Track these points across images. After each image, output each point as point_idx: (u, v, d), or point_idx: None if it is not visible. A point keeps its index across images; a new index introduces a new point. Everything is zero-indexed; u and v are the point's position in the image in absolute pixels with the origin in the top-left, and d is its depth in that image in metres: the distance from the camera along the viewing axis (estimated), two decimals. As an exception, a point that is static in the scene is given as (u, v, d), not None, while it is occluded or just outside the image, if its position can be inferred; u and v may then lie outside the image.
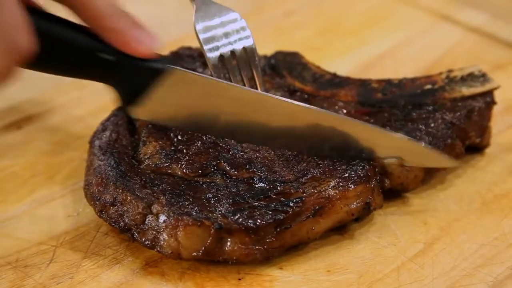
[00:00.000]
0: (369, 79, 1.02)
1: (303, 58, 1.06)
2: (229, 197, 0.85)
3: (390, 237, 0.89)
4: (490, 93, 0.98)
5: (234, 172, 0.88)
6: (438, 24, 1.30)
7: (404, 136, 0.91)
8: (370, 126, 0.90)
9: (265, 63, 1.03)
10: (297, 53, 1.06)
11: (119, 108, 0.96)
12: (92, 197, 0.88)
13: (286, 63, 1.04)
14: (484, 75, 0.99)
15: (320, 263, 0.86)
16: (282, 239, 0.85)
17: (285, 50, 1.07)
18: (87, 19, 0.81)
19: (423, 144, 0.91)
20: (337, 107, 0.97)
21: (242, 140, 0.91)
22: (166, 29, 1.24)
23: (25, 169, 0.99)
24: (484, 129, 0.98)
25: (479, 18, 1.30)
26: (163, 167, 0.89)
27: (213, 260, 0.83)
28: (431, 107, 0.96)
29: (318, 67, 1.05)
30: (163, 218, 0.83)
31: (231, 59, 0.93)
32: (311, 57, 1.07)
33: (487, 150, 1.00)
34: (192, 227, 0.82)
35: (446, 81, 0.99)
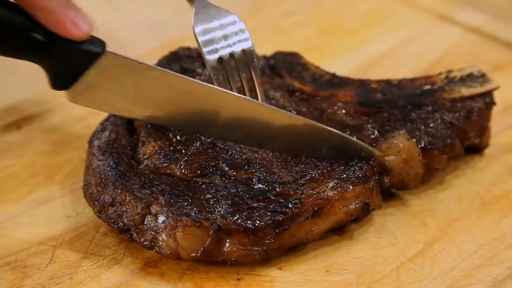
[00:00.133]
0: (369, 80, 1.02)
1: (303, 58, 1.06)
2: (228, 198, 0.85)
3: (389, 238, 0.89)
4: (490, 93, 0.98)
5: (233, 173, 0.88)
6: (437, 24, 1.30)
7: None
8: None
9: (264, 63, 1.03)
10: (296, 53, 1.06)
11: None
12: (91, 197, 0.88)
13: (285, 63, 1.04)
14: (483, 75, 0.99)
15: (319, 264, 0.86)
16: (281, 240, 0.84)
17: (284, 50, 1.07)
18: None
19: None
20: (336, 107, 0.97)
21: (192, 130, 0.90)
22: (165, 30, 1.25)
23: (24, 169, 0.99)
24: (483, 130, 0.98)
25: (478, 18, 1.30)
26: (162, 167, 0.89)
27: (212, 260, 0.83)
28: (430, 108, 0.96)
29: (318, 67, 1.05)
30: (162, 218, 0.83)
31: (230, 61, 0.93)
32: (311, 57, 1.07)
33: (486, 151, 1.00)
34: (191, 227, 0.82)
35: (446, 81, 0.99)
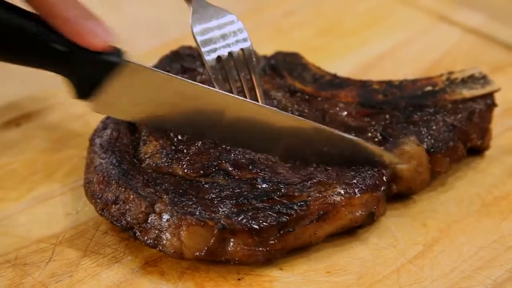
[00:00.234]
0: (370, 80, 1.02)
1: (303, 58, 1.06)
2: (232, 197, 0.85)
3: (389, 239, 0.89)
4: (491, 95, 0.98)
5: (237, 172, 0.88)
6: (437, 24, 1.30)
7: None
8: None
9: (265, 64, 1.03)
10: (297, 53, 1.06)
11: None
12: (93, 195, 0.88)
13: (286, 63, 1.04)
14: (484, 77, 0.99)
15: (320, 264, 0.86)
16: (284, 241, 0.84)
17: (285, 51, 1.06)
18: (38, 7, 0.79)
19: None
20: (338, 108, 0.97)
21: (206, 137, 0.90)
22: (166, 29, 1.24)
23: (24, 167, 0.99)
24: (485, 131, 0.98)
25: (477, 19, 1.30)
26: (164, 166, 0.89)
27: (215, 260, 0.83)
28: (432, 109, 0.96)
29: (319, 67, 1.05)
30: (166, 217, 0.83)
31: (228, 61, 0.93)
32: (311, 57, 1.07)
33: (487, 152, 1.00)
34: (196, 227, 0.82)
35: (447, 83, 0.99)
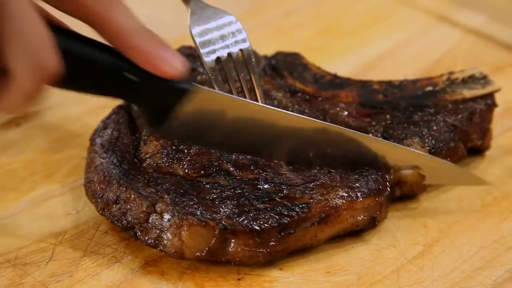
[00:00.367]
0: (370, 80, 1.02)
1: (304, 58, 1.06)
2: (233, 198, 0.85)
3: (389, 239, 0.89)
4: (491, 95, 0.98)
5: (238, 172, 0.88)
6: (436, 25, 1.30)
7: (425, 154, 0.91)
8: (389, 143, 0.91)
9: (265, 64, 1.03)
10: (297, 53, 1.06)
11: (119, 106, 0.96)
12: (94, 194, 0.88)
13: (286, 63, 1.04)
14: (485, 77, 0.99)
15: (320, 264, 0.86)
16: (285, 243, 0.84)
17: (285, 51, 1.06)
18: (111, 39, 0.80)
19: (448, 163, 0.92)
20: (338, 108, 0.97)
21: (253, 155, 0.90)
22: (166, 29, 1.23)
23: (24, 167, 0.99)
24: (485, 132, 0.98)
25: (477, 19, 1.30)
26: (165, 166, 0.89)
27: (215, 260, 0.83)
28: (432, 109, 0.96)
29: (319, 67, 1.05)
30: (167, 217, 0.83)
31: (228, 62, 0.93)
32: (311, 57, 1.07)
33: (487, 153, 1.00)
34: (197, 227, 0.82)
35: (447, 83, 0.99)
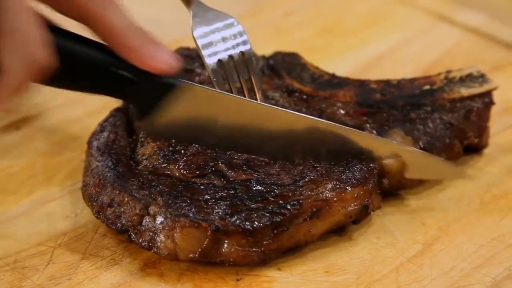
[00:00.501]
0: (368, 80, 1.02)
1: (302, 58, 1.06)
2: (226, 199, 0.85)
3: (388, 238, 0.89)
4: (489, 93, 0.98)
5: (231, 173, 0.88)
6: (436, 24, 1.30)
7: (406, 146, 0.91)
8: (370, 135, 0.91)
9: (263, 64, 1.03)
10: (296, 53, 1.06)
11: (117, 109, 0.97)
12: (90, 198, 0.88)
13: (284, 63, 1.04)
14: (482, 75, 0.99)
15: (319, 264, 0.86)
16: (279, 241, 0.84)
17: (284, 51, 1.06)
18: (103, 37, 0.81)
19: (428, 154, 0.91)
20: (335, 107, 0.97)
21: (241, 151, 0.90)
22: (164, 30, 1.23)
23: (23, 170, 0.99)
24: (482, 130, 0.98)
25: (477, 18, 1.30)
26: (161, 167, 0.89)
27: (210, 261, 0.83)
28: (429, 108, 0.96)
29: (317, 67, 1.05)
30: (160, 219, 0.83)
31: (229, 64, 0.93)
32: (310, 57, 1.07)
33: (485, 151, 1.00)
34: (189, 228, 0.82)
35: (445, 81, 0.99)
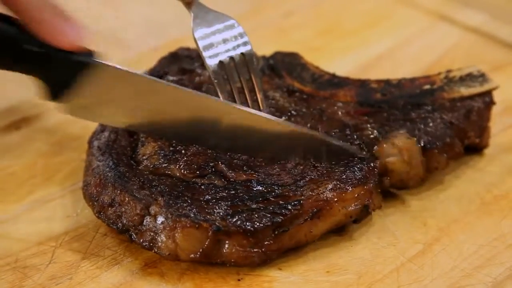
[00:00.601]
0: (368, 80, 1.02)
1: (302, 58, 1.06)
2: (227, 199, 0.85)
3: (389, 238, 0.89)
4: (489, 93, 0.98)
5: (231, 174, 0.88)
6: (436, 24, 1.30)
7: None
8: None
9: (264, 64, 1.03)
10: (296, 53, 1.06)
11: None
12: (91, 197, 0.88)
13: (285, 63, 1.04)
14: (483, 75, 0.99)
15: (319, 264, 0.86)
16: (280, 242, 0.84)
17: (284, 51, 1.06)
18: (15, 10, 0.79)
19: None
20: (336, 107, 0.97)
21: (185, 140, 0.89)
22: (165, 30, 1.24)
23: (24, 170, 0.99)
24: (483, 129, 0.98)
25: (477, 18, 1.30)
26: (162, 167, 0.89)
27: (211, 262, 0.83)
28: (430, 107, 0.96)
29: (317, 67, 1.05)
30: (161, 219, 0.83)
31: (230, 65, 0.93)
32: (310, 57, 1.07)
33: (486, 151, 1.00)
34: (190, 228, 0.82)
35: (445, 81, 0.99)
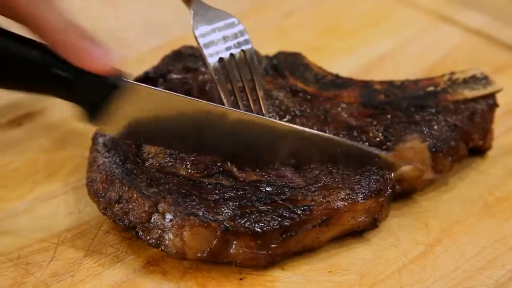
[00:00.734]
0: (372, 81, 1.02)
1: (305, 58, 1.06)
2: (235, 199, 0.85)
3: (391, 239, 0.90)
4: (493, 95, 0.98)
5: (241, 174, 0.88)
6: (437, 25, 1.30)
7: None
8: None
9: (267, 64, 1.03)
10: (299, 53, 1.06)
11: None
12: (96, 194, 0.88)
13: (288, 63, 1.04)
14: (486, 77, 1.00)
15: (322, 264, 0.86)
16: (286, 245, 0.84)
17: (287, 51, 1.06)
18: (40, 35, 0.80)
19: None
20: (340, 108, 0.97)
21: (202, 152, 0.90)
22: (167, 28, 1.24)
23: (26, 166, 0.99)
24: (486, 132, 0.98)
25: (478, 19, 1.30)
26: (167, 166, 0.89)
27: (217, 261, 0.83)
28: (433, 109, 0.96)
29: (320, 67, 1.05)
30: (169, 217, 0.83)
31: (231, 63, 0.93)
32: (312, 58, 1.07)
33: (488, 153, 1.00)
34: (199, 227, 0.82)
35: (449, 83, 1.00)
